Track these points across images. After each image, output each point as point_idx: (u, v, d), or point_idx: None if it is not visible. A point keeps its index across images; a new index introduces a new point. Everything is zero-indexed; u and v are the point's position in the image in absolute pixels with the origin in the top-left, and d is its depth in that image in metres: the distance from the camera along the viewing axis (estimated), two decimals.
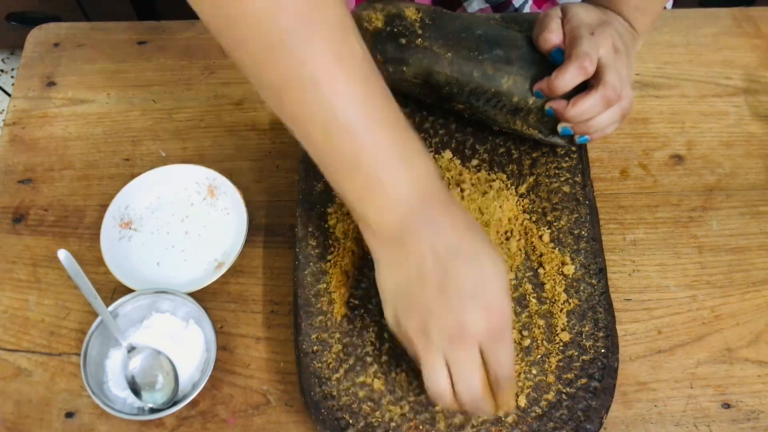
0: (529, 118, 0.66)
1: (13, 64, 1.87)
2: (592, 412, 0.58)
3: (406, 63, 0.66)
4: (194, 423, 0.61)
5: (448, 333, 0.49)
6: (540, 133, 0.67)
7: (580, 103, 0.61)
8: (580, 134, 0.65)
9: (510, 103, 0.66)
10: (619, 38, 0.63)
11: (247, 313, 0.67)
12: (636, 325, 0.66)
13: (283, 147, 0.76)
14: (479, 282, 0.49)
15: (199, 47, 0.83)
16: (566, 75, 0.61)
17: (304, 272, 0.64)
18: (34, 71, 0.82)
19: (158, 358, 0.62)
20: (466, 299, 0.49)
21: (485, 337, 0.49)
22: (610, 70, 0.61)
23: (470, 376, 0.50)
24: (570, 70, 0.60)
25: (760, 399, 0.62)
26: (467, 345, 0.49)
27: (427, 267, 0.49)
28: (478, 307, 0.49)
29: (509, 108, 0.66)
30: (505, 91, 0.65)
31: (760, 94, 0.80)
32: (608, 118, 0.63)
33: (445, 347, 0.49)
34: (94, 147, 0.77)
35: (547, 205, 0.67)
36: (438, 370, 0.50)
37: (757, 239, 0.71)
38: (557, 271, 0.64)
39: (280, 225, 0.71)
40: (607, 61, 0.61)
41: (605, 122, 0.63)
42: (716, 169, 0.75)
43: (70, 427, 0.61)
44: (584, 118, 0.62)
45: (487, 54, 0.65)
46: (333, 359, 0.60)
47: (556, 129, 0.65)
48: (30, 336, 0.66)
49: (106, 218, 0.69)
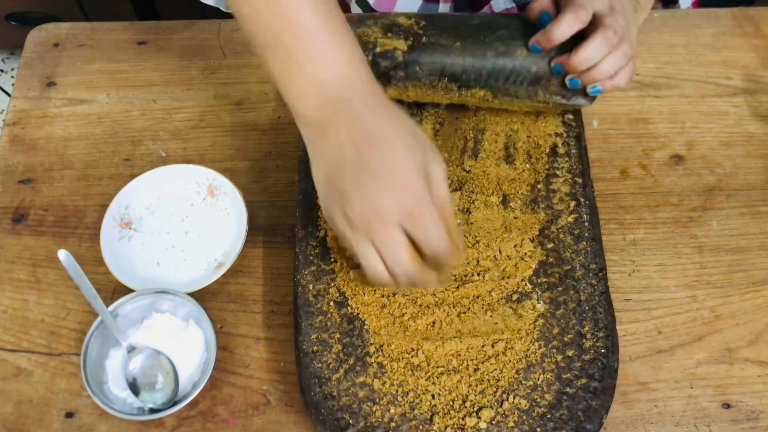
0: (550, 86, 0.67)
1: (13, 64, 1.87)
2: (592, 412, 0.58)
3: (419, 63, 0.66)
4: (194, 423, 0.61)
5: (365, 218, 0.50)
6: (563, 98, 0.68)
7: (581, 48, 0.62)
8: (589, 84, 0.65)
9: (529, 75, 0.66)
10: (619, 2, 0.64)
11: (247, 313, 0.67)
12: (636, 325, 0.66)
13: (283, 147, 0.76)
14: (393, 166, 0.50)
15: (199, 47, 0.84)
16: (562, 23, 0.61)
17: (304, 272, 0.64)
18: (34, 71, 0.82)
19: (158, 358, 0.62)
20: (379, 183, 0.50)
21: (404, 218, 0.50)
22: (607, 17, 0.61)
23: (396, 254, 0.51)
24: (565, 18, 0.61)
25: (760, 399, 0.62)
26: (387, 227, 0.50)
27: (345, 154, 0.50)
28: (390, 190, 0.50)
29: (530, 79, 0.67)
30: (522, 63, 0.66)
31: (760, 94, 0.80)
32: (614, 63, 0.63)
33: (368, 232, 0.51)
34: (94, 147, 0.77)
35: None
36: (369, 254, 0.51)
37: (757, 239, 0.71)
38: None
39: (280, 225, 0.71)
40: (604, 12, 0.62)
41: (611, 67, 0.63)
42: (716, 169, 0.75)
43: (70, 427, 0.61)
44: (589, 64, 0.62)
45: (492, 36, 0.66)
46: (333, 359, 0.60)
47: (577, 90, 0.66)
48: (30, 336, 0.66)
49: (106, 218, 0.69)
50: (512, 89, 0.68)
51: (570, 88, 0.66)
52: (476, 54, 0.66)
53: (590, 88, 0.65)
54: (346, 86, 0.52)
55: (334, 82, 0.51)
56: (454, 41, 0.66)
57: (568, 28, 0.62)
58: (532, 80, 0.67)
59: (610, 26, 0.61)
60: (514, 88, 0.67)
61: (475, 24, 0.67)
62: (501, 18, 0.69)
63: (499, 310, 0.63)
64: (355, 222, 0.51)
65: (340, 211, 0.51)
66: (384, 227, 0.50)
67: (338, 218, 0.52)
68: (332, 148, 0.51)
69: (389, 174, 0.50)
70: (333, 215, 0.52)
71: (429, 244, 0.51)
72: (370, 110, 0.52)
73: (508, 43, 0.66)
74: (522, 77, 0.67)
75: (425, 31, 0.67)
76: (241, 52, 0.83)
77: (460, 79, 0.67)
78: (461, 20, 0.68)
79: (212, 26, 0.85)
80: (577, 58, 0.62)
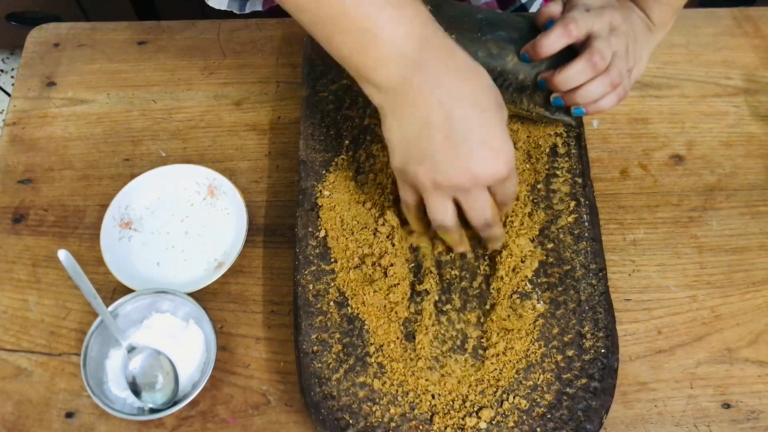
0: (535, 96, 0.66)
1: (13, 64, 1.87)
2: (592, 412, 0.58)
3: None
4: (194, 423, 0.61)
5: (458, 181, 0.52)
6: (547, 110, 0.67)
7: (566, 68, 0.61)
8: (571, 105, 0.64)
9: (516, 81, 0.66)
10: (624, 22, 0.63)
11: (247, 313, 0.67)
12: (636, 325, 0.66)
13: (283, 147, 0.76)
14: (484, 127, 0.52)
15: (199, 47, 0.84)
16: (550, 36, 0.61)
17: (304, 272, 0.64)
18: (34, 71, 0.82)
19: (158, 358, 0.62)
20: (473, 146, 0.51)
21: (493, 181, 0.54)
22: (599, 40, 0.61)
23: (483, 210, 0.55)
24: (554, 31, 0.61)
25: (760, 399, 0.62)
26: (479, 190, 0.54)
27: (433, 115, 0.51)
28: (484, 153, 0.52)
29: (515, 86, 0.66)
30: (511, 69, 0.65)
31: (760, 94, 0.80)
32: (597, 88, 0.62)
33: (456, 193, 0.54)
34: (94, 147, 0.77)
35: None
36: (446, 205, 0.55)
37: (757, 239, 0.71)
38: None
39: (279, 225, 0.71)
40: (600, 34, 0.61)
41: (595, 92, 0.62)
42: (716, 169, 0.75)
43: (70, 427, 0.61)
44: (571, 85, 0.62)
45: (490, 35, 0.66)
46: (333, 359, 0.60)
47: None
48: (30, 336, 0.66)
49: (106, 218, 0.69)
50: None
51: (554, 106, 0.65)
52: (467, 50, 0.65)
53: (573, 109, 0.64)
54: (423, 48, 0.51)
55: (411, 45, 0.51)
56: (450, 33, 0.66)
57: (556, 41, 0.61)
58: (518, 87, 0.66)
59: (598, 50, 0.60)
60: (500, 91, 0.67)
61: (479, 18, 0.67)
62: (507, 17, 0.68)
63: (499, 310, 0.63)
64: (444, 184, 0.53)
65: (426, 170, 0.53)
66: (477, 191, 0.53)
67: (421, 176, 0.53)
68: (417, 110, 0.52)
69: (483, 139, 0.52)
70: (415, 172, 0.54)
71: (507, 203, 0.57)
72: (450, 70, 0.52)
73: (502, 46, 0.65)
74: (508, 82, 0.66)
75: None
76: (241, 52, 0.83)
77: None
78: (466, 12, 0.67)
79: (212, 26, 0.85)
80: (559, 78, 0.62)
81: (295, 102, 0.79)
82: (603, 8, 0.63)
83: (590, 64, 0.60)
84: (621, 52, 0.62)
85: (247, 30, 0.85)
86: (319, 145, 0.71)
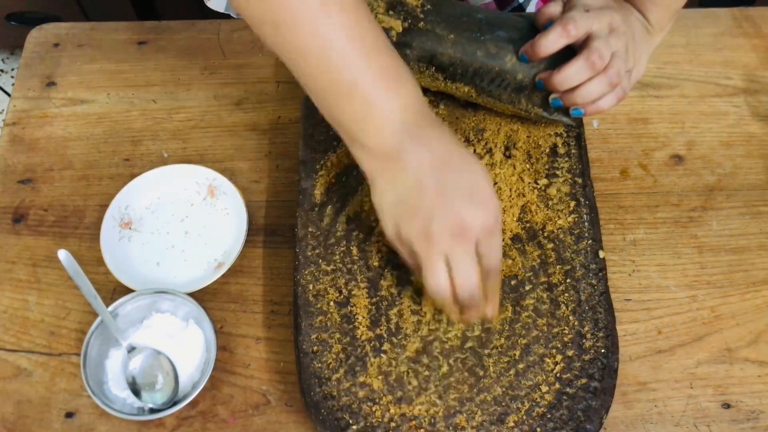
0: (533, 96, 0.66)
1: (13, 64, 1.87)
2: (592, 412, 0.58)
3: (410, 46, 0.66)
4: (194, 423, 0.61)
5: (449, 230, 0.53)
6: (545, 111, 0.67)
7: (564, 68, 0.61)
8: (570, 105, 0.64)
9: (514, 81, 0.66)
10: (624, 23, 0.63)
11: (247, 313, 0.67)
12: (636, 325, 0.66)
13: (283, 147, 0.76)
14: (473, 183, 0.54)
15: (199, 47, 0.84)
16: (549, 36, 0.61)
17: (304, 272, 0.64)
18: (34, 71, 0.82)
19: (158, 358, 0.62)
20: (464, 198, 0.53)
21: (482, 232, 0.54)
22: (598, 40, 0.61)
23: (469, 268, 0.54)
24: (553, 30, 0.61)
25: (760, 399, 0.62)
26: (467, 240, 0.53)
27: (424, 175, 0.53)
28: (474, 204, 0.53)
29: (514, 86, 0.66)
30: (509, 69, 0.65)
31: (760, 94, 0.80)
32: (596, 88, 0.62)
33: (447, 245, 0.53)
34: (94, 147, 0.77)
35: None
36: (439, 267, 0.54)
37: (757, 239, 0.71)
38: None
39: (279, 225, 0.71)
40: (599, 34, 0.61)
41: (593, 92, 0.62)
42: (716, 169, 0.75)
43: (70, 427, 0.61)
44: (569, 85, 0.62)
45: (489, 35, 0.66)
46: (333, 359, 0.60)
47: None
48: (30, 336, 0.66)
49: (106, 218, 0.69)
50: (495, 92, 0.67)
51: (553, 107, 0.65)
52: (466, 50, 0.66)
53: (572, 110, 0.65)
54: (414, 117, 0.54)
55: (408, 114, 0.54)
56: (449, 32, 0.66)
57: (555, 41, 0.61)
58: (517, 87, 0.66)
59: (597, 50, 0.60)
60: (498, 91, 0.67)
61: (479, 18, 0.67)
62: (506, 17, 0.68)
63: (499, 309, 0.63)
64: (436, 235, 0.53)
65: (419, 225, 0.53)
66: (464, 239, 0.53)
67: (415, 232, 0.54)
68: (408, 172, 0.53)
69: (473, 192, 0.53)
70: (408, 230, 0.54)
71: (493, 260, 0.55)
72: (438, 136, 0.55)
73: (501, 46, 0.65)
74: (507, 82, 0.66)
75: (426, 16, 0.66)
76: (241, 52, 0.83)
77: (447, 70, 0.67)
78: (467, 12, 0.67)
79: (212, 26, 0.85)
80: (557, 78, 0.62)
81: (295, 102, 0.79)
82: (602, 9, 0.63)
83: (588, 63, 0.60)
84: (620, 53, 0.62)
85: (247, 30, 0.85)
86: (319, 145, 0.71)
